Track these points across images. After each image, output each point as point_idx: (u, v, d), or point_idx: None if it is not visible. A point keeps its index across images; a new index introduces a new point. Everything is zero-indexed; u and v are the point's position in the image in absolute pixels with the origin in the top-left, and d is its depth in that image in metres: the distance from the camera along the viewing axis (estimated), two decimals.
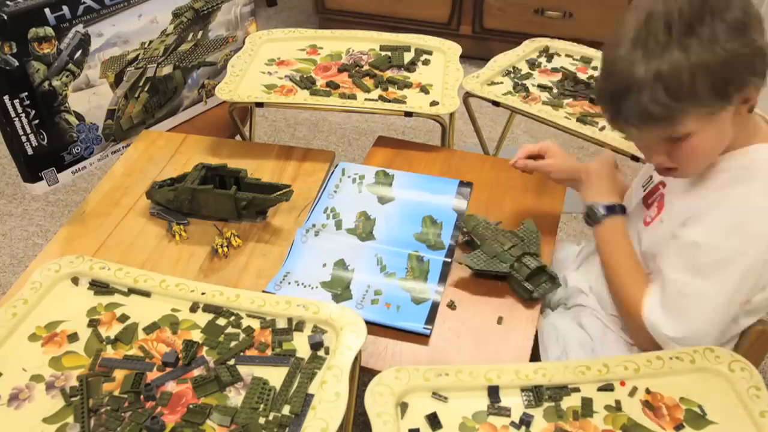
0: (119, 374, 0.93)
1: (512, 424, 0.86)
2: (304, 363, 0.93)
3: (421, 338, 1.07)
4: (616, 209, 1.14)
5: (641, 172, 1.22)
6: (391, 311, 1.10)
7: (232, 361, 0.94)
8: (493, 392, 0.89)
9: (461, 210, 1.31)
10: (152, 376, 0.92)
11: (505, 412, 0.87)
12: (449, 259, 1.19)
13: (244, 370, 0.92)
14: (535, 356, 1.11)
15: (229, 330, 0.98)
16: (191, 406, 0.88)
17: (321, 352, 0.95)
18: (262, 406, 0.88)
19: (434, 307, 1.11)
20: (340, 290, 1.13)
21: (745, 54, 0.88)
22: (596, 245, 1.17)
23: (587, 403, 0.88)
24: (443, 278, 1.16)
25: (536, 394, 0.88)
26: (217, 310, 1.01)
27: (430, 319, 1.09)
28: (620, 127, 0.97)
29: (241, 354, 0.95)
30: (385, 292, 1.13)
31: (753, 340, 1.04)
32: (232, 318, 1.00)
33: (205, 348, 0.96)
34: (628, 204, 1.19)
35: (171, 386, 0.91)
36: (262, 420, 0.86)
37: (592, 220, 1.16)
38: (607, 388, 0.90)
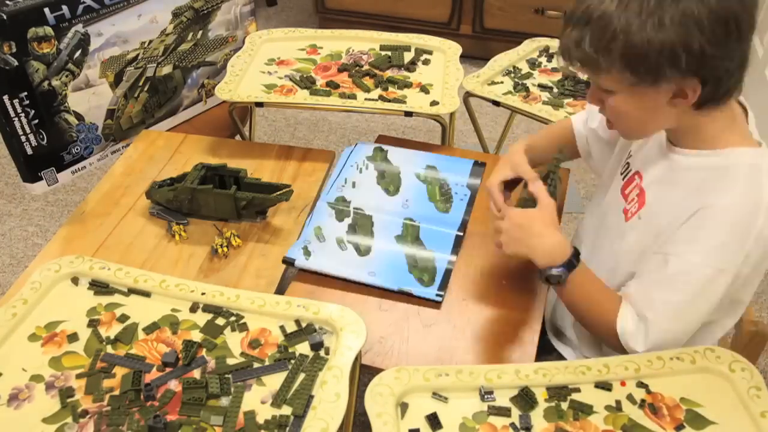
0: (119, 371, 0.93)
1: (512, 425, 0.86)
2: (305, 364, 0.93)
3: (425, 336, 1.07)
4: (573, 262, 0.99)
5: (615, 154, 1.15)
6: (404, 275, 1.14)
7: (228, 375, 0.92)
8: (487, 392, 0.89)
9: (475, 187, 1.33)
10: (152, 376, 0.92)
11: (505, 412, 0.87)
12: (461, 233, 1.23)
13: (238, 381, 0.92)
14: None
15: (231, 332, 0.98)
16: (184, 399, 0.88)
17: (321, 353, 0.95)
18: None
19: (447, 274, 1.15)
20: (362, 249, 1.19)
21: (672, 44, 0.83)
22: (564, 303, 1.05)
23: (587, 403, 0.88)
24: (455, 250, 1.19)
25: (529, 396, 0.88)
26: (217, 310, 1.01)
27: (443, 286, 1.12)
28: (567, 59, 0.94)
29: (239, 370, 0.93)
30: (400, 257, 1.17)
31: (747, 341, 1.04)
32: (232, 318, 1.00)
33: (204, 349, 0.96)
34: (604, 190, 1.13)
35: (173, 384, 0.91)
36: (261, 420, 0.86)
37: (553, 285, 1.02)
38: (608, 388, 0.90)
